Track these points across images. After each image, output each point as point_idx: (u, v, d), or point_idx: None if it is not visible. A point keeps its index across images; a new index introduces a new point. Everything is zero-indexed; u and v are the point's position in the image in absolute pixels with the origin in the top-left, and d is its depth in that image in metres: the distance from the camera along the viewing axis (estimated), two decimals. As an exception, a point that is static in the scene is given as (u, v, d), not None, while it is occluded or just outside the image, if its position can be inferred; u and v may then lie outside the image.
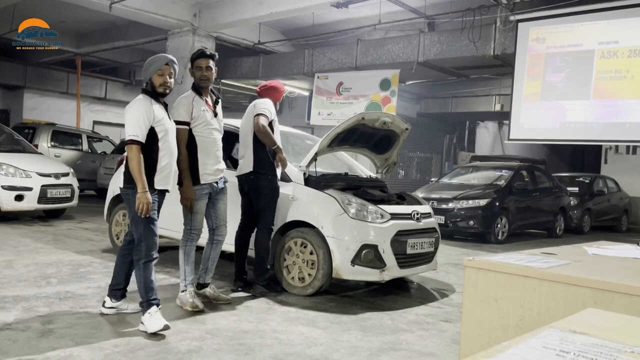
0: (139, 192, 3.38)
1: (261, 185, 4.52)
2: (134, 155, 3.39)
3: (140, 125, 3.42)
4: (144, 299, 3.46)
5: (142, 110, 3.46)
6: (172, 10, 11.26)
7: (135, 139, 3.40)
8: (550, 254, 2.07)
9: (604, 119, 9.32)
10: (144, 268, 3.49)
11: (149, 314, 3.40)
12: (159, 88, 3.58)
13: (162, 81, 3.57)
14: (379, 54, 11.87)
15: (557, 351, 0.89)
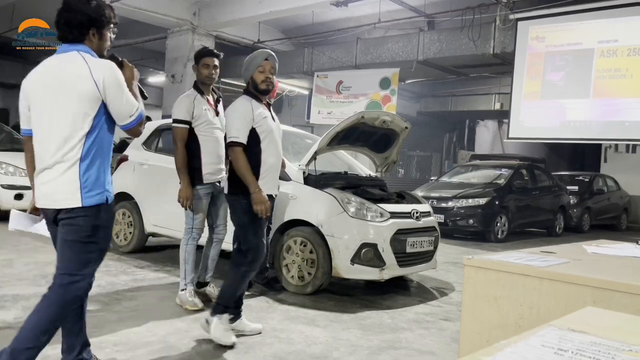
0: (254, 193, 3.18)
1: None
2: (238, 157, 3.23)
3: (239, 126, 3.27)
4: (222, 302, 3.30)
5: (241, 110, 3.32)
6: (172, 9, 11.25)
7: (237, 140, 3.24)
8: (549, 252, 2.07)
9: (604, 118, 9.33)
10: (242, 276, 3.32)
11: (219, 320, 3.26)
12: (261, 85, 3.40)
13: (264, 78, 3.39)
14: (379, 52, 11.86)
15: (556, 349, 0.90)
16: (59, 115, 2.28)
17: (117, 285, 4.53)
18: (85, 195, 2.28)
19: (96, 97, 2.27)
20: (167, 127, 6.40)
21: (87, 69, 2.26)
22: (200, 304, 4.00)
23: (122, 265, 5.32)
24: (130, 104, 2.36)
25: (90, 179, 2.30)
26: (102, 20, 2.39)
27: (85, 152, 2.28)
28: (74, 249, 2.34)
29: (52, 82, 2.30)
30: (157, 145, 6.14)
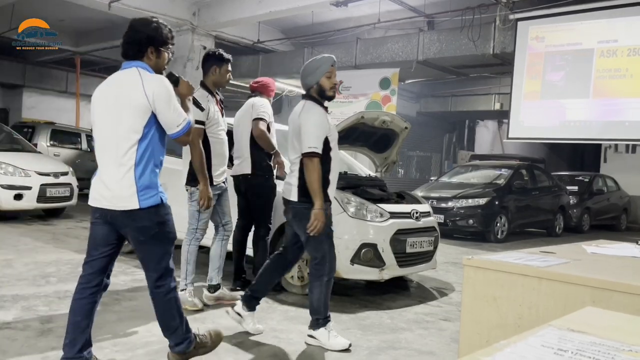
0: (317, 209, 3.17)
1: (259, 185, 4.51)
2: (315, 168, 3.18)
3: (320, 135, 3.23)
4: (322, 315, 3.32)
5: (319, 119, 3.27)
6: (172, 9, 11.25)
7: (316, 150, 3.20)
8: (549, 252, 2.07)
9: (604, 118, 9.32)
10: (326, 285, 3.31)
11: (327, 331, 3.29)
12: (329, 92, 3.37)
13: (332, 84, 3.37)
14: (379, 52, 11.86)
15: (555, 350, 0.89)
16: (116, 124, 2.52)
17: (117, 286, 4.52)
18: (141, 198, 2.53)
19: (146, 108, 2.50)
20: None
21: (140, 83, 2.51)
22: (199, 304, 4.00)
23: (121, 266, 5.31)
24: (178, 115, 2.57)
25: (145, 182, 2.54)
26: (160, 40, 2.65)
27: (139, 158, 2.52)
28: (148, 246, 2.62)
29: (111, 94, 2.57)
30: (156, 145, 6.13)
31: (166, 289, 2.66)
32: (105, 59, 16.84)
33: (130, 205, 2.51)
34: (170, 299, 2.68)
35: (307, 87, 3.40)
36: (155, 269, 2.65)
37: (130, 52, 2.62)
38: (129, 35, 2.62)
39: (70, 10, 12.06)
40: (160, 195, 2.62)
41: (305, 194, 3.26)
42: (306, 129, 3.24)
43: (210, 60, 4.09)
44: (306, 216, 3.22)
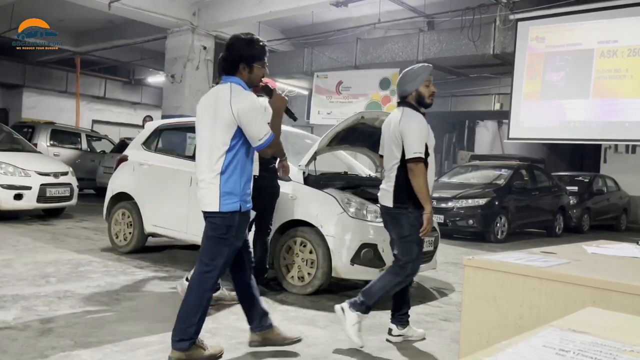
0: (427, 213, 3.23)
1: (264, 186, 4.51)
2: (422, 173, 3.22)
3: (422, 141, 3.27)
4: (370, 302, 3.31)
5: (420, 125, 3.31)
6: (171, 9, 11.25)
7: (421, 155, 3.23)
8: (549, 253, 2.07)
9: (604, 118, 9.32)
10: (396, 285, 3.38)
11: (358, 320, 3.29)
12: (427, 99, 3.42)
13: (431, 92, 3.43)
14: (379, 52, 11.86)
15: (557, 350, 0.89)
16: (208, 135, 2.81)
17: (117, 286, 4.52)
18: (222, 202, 2.78)
19: (233, 122, 2.73)
20: (167, 128, 6.41)
21: (229, 99, 2.74)
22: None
23: (121, 266, 5.31)
24: (260, 130, 2.76)
25: (227, 189, 2.78)
26: (250, 57, 2.85)
27: (225, 167, 2.77)
28: (210, 243, 2.87)
29: (208, 106, 2.85)
30: (157, 145, 6.13)
31: (208, 285, 2.86)
32: (105, 59, 16.86)
33: (211, 207, 2.80)
34: (206, 295, 2.86)
35: (405, 94, 3.45)
36: (208, 264, 2.86)
37: (225, 68, 2.87)
38: (224, 52, 2.89)
39: (70, 10, 12.06)
40: (241, 203, 2.83)
41: (400, 200, 3.33)
42: (409, 135, 3.27)
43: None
44: (400, 220, 3.32)
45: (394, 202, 3.36)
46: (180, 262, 5.71)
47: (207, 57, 12.26)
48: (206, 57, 12.22)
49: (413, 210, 3.29)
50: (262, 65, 2.89)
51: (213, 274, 2.87)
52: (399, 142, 3.34)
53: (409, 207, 3.30)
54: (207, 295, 2.90)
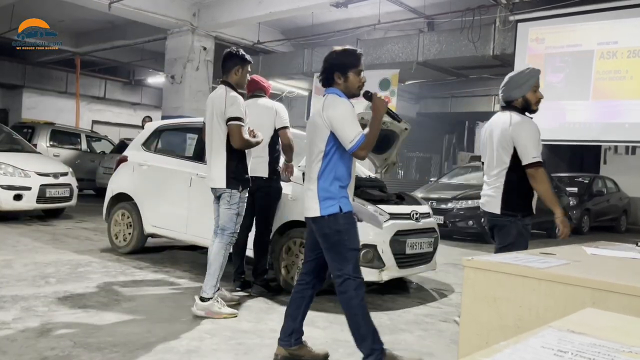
0: (559, 216, 3.17)
1: (270, 187, 4.52)
2: (543, 178, 3.15)
3: (539, 145, 3.20)
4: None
5: (535, 129, 3.23)
6: (171, 9, 11.25)
7: (540, 160, 3.15)
8: (549, 254, 2.07)
9: (603, 119, 9.32)
10: None
11: None
12: (534, 106, 3.35)
13: (537, 98, 3.36)
14: (379, 53, 11.86)
15: (555, 351, 0.89)
16: (311, 143, 2.95)
17: (116, 286, 4.52)
18: (322, 207, 2.85)
19: (325, 128, 2.85)
20: (166, 128, 6.41)
21: (321, 107, 2.89)
22: (235, 311, 3.97)
23: (121, 266, 5.31)
24: (349, 133, 2.82)
25: (325, 194, 2.86)
26: (344, 65, 2.94)
27: (321, 172, 2.87)
28: (329, 252, 2.90)
29: (312, 116, 3.00)
30: (156, 146, 6.14)
31: (349, 296, 2.87)
32: (105, 60, 16.86)
33: (314, 213, 2.88)
34: (354, 305, 2.88)
35: (511, 99, 3.38)
36: (337, 276, 2.89)
37: (323, 81, 3.01)
38: (323, 65, 3.01)
39: (70, 10, 12.06)
40: (340, 204, 2.87)
41: (510, 207, 3.27)
42: (525, 140, 3.19)
43: (233, 60, 4.01)
44: (509, 228, 3.25)
45: (502, 209, 3.28)
46: (180, 262, 5.71)
47: (207, 57, 12.27)
48: (206, 57, 12.22)
49: (522, 218, 3.22)
50: (357, 72, 2.96)
51: (351, 280, 2.86)
52: (509, 148, 3.23)
53: (518, 214, 3.22)
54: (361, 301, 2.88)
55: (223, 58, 4.04)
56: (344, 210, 2.87)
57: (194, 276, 5.08)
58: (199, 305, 3.82)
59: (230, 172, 3.87)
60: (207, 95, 12.12)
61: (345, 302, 2.89)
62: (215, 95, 3.98)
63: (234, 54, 4.05)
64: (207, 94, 12.40)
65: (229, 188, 3.86)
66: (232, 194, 3.87)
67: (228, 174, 3.86)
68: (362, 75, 2.98)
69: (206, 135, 4.03)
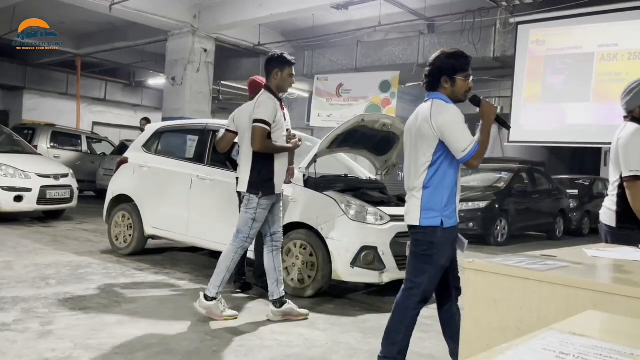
0: None
1: None
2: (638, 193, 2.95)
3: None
4: None
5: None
6: (172, 11, 11.26)
7: (638, 174, 2.95)
8: (549, 256, 2.07)
9: (604, 122, 9.31)
10: None
11: None
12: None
13: None
14: (379, 55, 11.87)
15: (557, 353, 0.89)
16: (412, 151, 2.84)
17: (117, 288, 4.52)
18: (423, 217, 2.75)
19: (433, 137, 2.71)
20: (167, 130, 6.42)
21: (429, 114, 2.73)
22: (235, 312, 3.94)
23: (121, 268, 5.31)
24: (463, 142, 2.70)
25: (429, 204, 2.74)
26: (452, 69, 2.82)
27: (427, 181, 2.74)
28: (414, 258, 2.83)
29: (413, 125, 2.85)
30: (157, 147, 6.14)
31: (411, 303, 2.81)
32: (106, 61, 16.88)
33: (413, 221, 2.78)
34: (409, 314, 2.84)
35: (632, 109, 3.18)
36: (411, 281, 2.82)
37: (428, 85, 2.87)
38: (427, 69, 2.87)
39: (71, 12, 12.08)
40: (442, 218, 2.75)
41: (624, 220, 3.09)
42: (626, 152, 3.03)
43: (272, 63, 3.93)
44: (625, 242, 2.97)
45: (617, 222, 3.13)
46: (181, 264, 5.71)
47: (208, 59, 12.28)
48: (207, 59, 12.24)
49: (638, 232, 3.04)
50: (466, 76, 2.85)
51: (415, 291, 2.79)
52: (618, 159, 3.10)
53: (634, 227, 3.05)
54: (411, 314, 2.83)
55: (265, 62, 3.98)
56: (446, 225, 2.75)
57: (194, 278, 5.08)
58: (203, 303, 3.80)
59: (253, 176, 3.83)
60: (208, 97, 12.19)
61: (400, 310, 2.84)
62: (253, 100, 3.95)
63: (272, 57, 3.97)
64: (207, 95, 12.44)
65: (248, 192, 3.83)
66: (250, 198, 3.83)
67: (251, 178, 3.83)
68: (470, 80, 2.88)
69: (241, 139, 4.03)
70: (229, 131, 4.69)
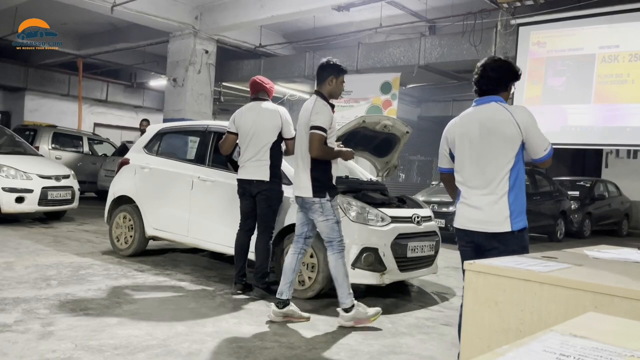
0: None
1: (271, 191, 4.53)
2: None
3: None
4: None
5: None
6: (174, 12, 11.28)
7: None
8: (551, 257, 2.07)
9: (605, 123, 9.32)
10: None
11: None
12: None
13: None
14: (380, 57, 11.88)
15: (558, 355, 0.89)
16: (487, 156, 2.73)
17: (118, 289, 4.52)
18: (514, 221, 2.68)
19: (518, 137, 2.68)
20: (168, 131, 6.43)
21: (510, 115, 2.70)
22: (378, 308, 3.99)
23: (122, 269, 5.31)
24: (544, 140, 2.72)
25: (517, 207, 2.70)
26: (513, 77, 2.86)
27: (512, 184, 2.70)
28: None
29: (476, 128, 2.76)
30: (158, 148, 6.15)
31: None
32: (108, 62, 16.90)
33: (502, 228, 2.68)
34: None
35: None
36: None
37: (485, 88, 2.83)
38: (484, 73, 2.82)
39: (73, 13, 12.10)
40: (525, 219, 2.74)
41: None
42: None
43: (327, 70, 3.95)
44: None
45: None
46: (181, 265, 5.71)
47: (209, 60, 12.30)
48: (208, 60, 12.25)
49: None
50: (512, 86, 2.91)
51: None
52: None
53: None
54: None
55: (319, 68, 3.99)
56: (526, 225, 2.75)
57: (195, 279, 5.09)
58: (345, 317, 3.84)
59: (315, 180, 3.83)
60: (209, 99, 12.25)
61: None
62: (305, 106, 3.96)
63: (330, 64, 3.98)
64: (208, 97, 12.46)
65: (316, 197, 3.82)
66: (322, 203, 3.82)
67: (313, 182, 3.83)
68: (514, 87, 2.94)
69: (296, 144, 4.03)
70: (230, 133, 4.70)
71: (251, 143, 4.54)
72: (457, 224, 2.85)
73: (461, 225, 2.82)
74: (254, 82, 4.78)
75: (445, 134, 2.95)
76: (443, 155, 2.98)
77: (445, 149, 2.95)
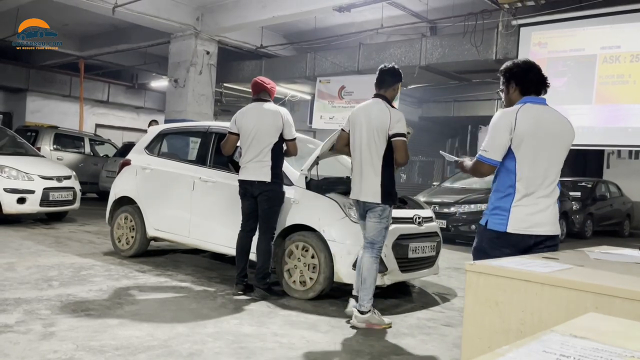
0: None
1: (272, 192, 4.53)
2: None
3: None
4: None
5: None
6: (175, 13, 11.30)
7: None
8: (551, 258, 2.07)
9: (606, 124, 9.31)
10: None
11: None
12: None
13: None
14: (381, 57, 11.87)
15: (558, 355, 0.89)
16: (554, 158, 2.76)
17: (119, 290, 4.53)
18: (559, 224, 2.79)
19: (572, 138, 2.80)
20: (169, 132, 6.43)
21: (564, 118, 2.81)
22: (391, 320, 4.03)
23: (124, 270, 5.32)
24: None
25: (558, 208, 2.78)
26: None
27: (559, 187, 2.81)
28: None
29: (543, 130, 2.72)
30: (159, 149, 6.15)
31: None
32: (109, 63, 16.93)
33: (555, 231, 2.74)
34: None
35: None
36: None
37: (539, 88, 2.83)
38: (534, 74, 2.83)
39: (74, 14, 12.12)
40: None
41: None
42: None
43: (396, 76, 4.05)
44: None
45: None
46: (183, 266, 5.72)
47: (210, 61, 12.31)
48: (209, 61, 12.27)
49: None
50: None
51: None
52: None
53: None
54: None
55: (385, 72, 4.05)
56: None
57: (196, 280, 5.09)
58: (359, 317, 3.88)
59: (385, 186, 3.87)
60: (210, 99, 12.22)
61: None
62: (373, 108, 3.98)
63: (398, 70, 4.08)
64: (210, 97, 12.47)
65: (383, 203, 3.87)
66: (384, 208, 3.88)
67: (383, 188, 3.86)
68: None
69: (355, 147, 4.03)
70: (231, 133, 4.71)
71: (253, 144, 4.54)
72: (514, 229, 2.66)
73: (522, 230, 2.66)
74: (255, 82, 4.79)
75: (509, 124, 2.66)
76: (501, 146, 2.68)
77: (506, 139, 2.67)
